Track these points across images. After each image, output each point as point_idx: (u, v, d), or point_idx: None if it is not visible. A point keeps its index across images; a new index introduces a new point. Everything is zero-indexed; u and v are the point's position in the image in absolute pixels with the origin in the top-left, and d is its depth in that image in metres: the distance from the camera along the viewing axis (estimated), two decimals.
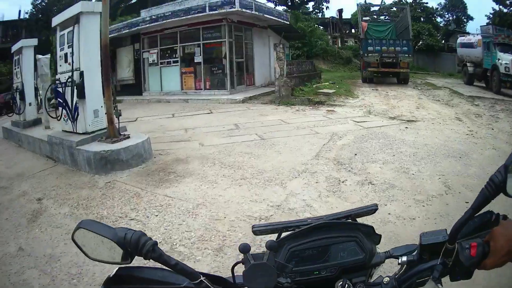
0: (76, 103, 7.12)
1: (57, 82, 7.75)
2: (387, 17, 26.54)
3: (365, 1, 32.96)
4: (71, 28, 7.02)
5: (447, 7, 46.47)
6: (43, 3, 35.94)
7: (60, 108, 7.71)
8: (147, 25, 17.29)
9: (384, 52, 19.27)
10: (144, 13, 18.24)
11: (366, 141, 7.50)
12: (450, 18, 46.50)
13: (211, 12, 15.08)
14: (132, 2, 29.91)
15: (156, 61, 18.15)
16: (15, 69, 10.86)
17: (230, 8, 14.67)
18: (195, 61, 16.89)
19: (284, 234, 1.05)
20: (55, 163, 7.35)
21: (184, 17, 15.80)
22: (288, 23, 20.37)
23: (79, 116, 7.20)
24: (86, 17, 6.77)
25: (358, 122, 9.58)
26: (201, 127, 9.84)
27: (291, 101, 13.23)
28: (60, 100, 7.63)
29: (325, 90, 15.10)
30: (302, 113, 11.54)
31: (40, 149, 8.31)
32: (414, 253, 1.00)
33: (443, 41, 37.89)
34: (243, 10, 14.96)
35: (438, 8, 45.84)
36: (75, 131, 7.34)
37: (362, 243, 1.01)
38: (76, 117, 7.31)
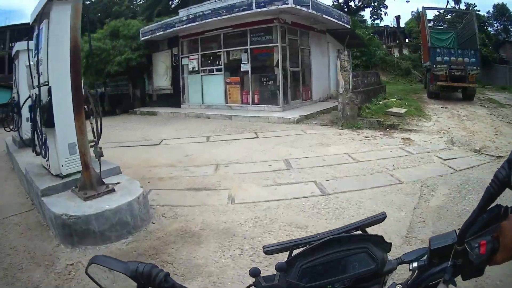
0: (44, 133, 5.02)
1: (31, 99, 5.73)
2: (444, 24, 25.07)
3: (418, 9, 30.95)
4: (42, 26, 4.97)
5: (495, 15, 43.26)
6: None
7: (35, 135, 5.66)
8: (185, 26, 15.46)
9: (452, 63, 17.13)
10: (182, 13, 16.47)
11: (465, 197, 5.19)
12: (498, 27, 43.65)
13: (258, 10, 12.88)
14: (173, 2, 28.36)
15: (196, 69, 16.31)
16: (13, 77, 9.31)
17: (282, 5, 12.36)
18: (242, 69, 14.74)
19: (295, 252, 1.06)
20: (32, 207, 5.59)
21: (226, 16, 13.73)
22: (349, 27, 18.10)
23: (49, 152, 5.14)
24: (57, 9, 4.65)
25: (444, 160, 7.30)
26: (238, 163, 7.52)
27: (357, 124, 10.82)
28: (34, 125, 5.56)
29: (394, 109, 12.56)
30: (373, 142, 9.01)
31: (22, 181, 6.60)
32: (424, 258, 1.03)
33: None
34: (298, 7, 12.68)
35: (488, 16, 42.99)
36: (49, 169, 5.34)
37: (372, 252, 1.04)
38: (45, 152, 5.23)
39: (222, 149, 8.81)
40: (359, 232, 1.11)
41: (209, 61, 16.04)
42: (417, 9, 30.27)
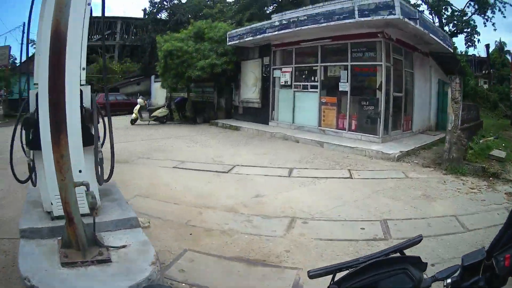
0: (31, 155, 3.80)
1: None
2: None
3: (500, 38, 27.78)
4: None
5: None
6: (163, 3, 36.01)
7: None
8: (277, 33, 13.76)
9: None
10: (275, 18, 14.82)
11: None
12: None
13: (361, 19, 10.81)
14: (268, 9, 26.84)
15: (289, 83, 14.54)
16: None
17: (388, 15, 10.23)
18: (340, 89, 12.69)
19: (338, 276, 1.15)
20: None
21: (324, 24, 11.77)
22: (452, 51, 15.75)
23: (38, 181, 3.82)
24: None
25: None
26: (322, 219, 5.50)
27: (462, 169, 8.79)
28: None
29: (495, 153, 10.18)
30: (479, 197, 6.89)
31: None
32: (456, 274, 1.13)
33: None
34: (406, 20, 10.49)
35: None
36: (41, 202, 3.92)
37: (411, 272, 1.14)
38: (35, 180, 3.88)
39: (305, 192, 6.85)
40: (398, 254, 1.23)
41: (303, 76, 14.25)
42: (500, 39, 27.03)
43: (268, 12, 25.33)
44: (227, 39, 16.50)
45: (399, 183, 7.52)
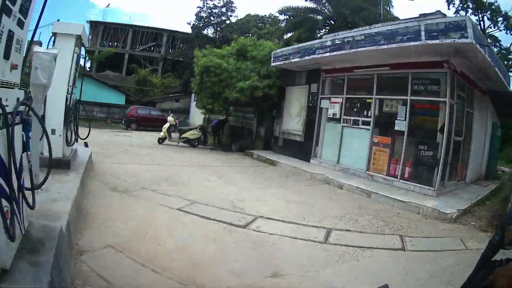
0: None
1: None
2: None
3: None
4: None
5: None
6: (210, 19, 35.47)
7: None
8: (328, 54, 12.01)
9: None
10: (327, 37, 13.10)
11: None
12: None
13: (428, 42, 9.00)
14: (319, 32, 25.28)
15: (337, 116, 12.76)
16: None
17: (459, 38, 8.42)
18: (396, 128, 10.78)
19: None
20: None
21: (384, 46, 9.97)
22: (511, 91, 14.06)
23: None
24: None
25: None
26: None
27: None
28: None
29: None
30: None
31: None
32: None
33: None
34: (478, 46, 8.68)
35: None
36: None
37: None
38: None
39: (343, 272, 4.91)
40: None
41: (355, 109, 12.41)
42: None
43: (319, 36, 23.91)
44: (272, 59, 15.02)
45: (458, 259, 5.74)
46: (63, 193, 5.52)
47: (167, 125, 17.45)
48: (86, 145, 10.78)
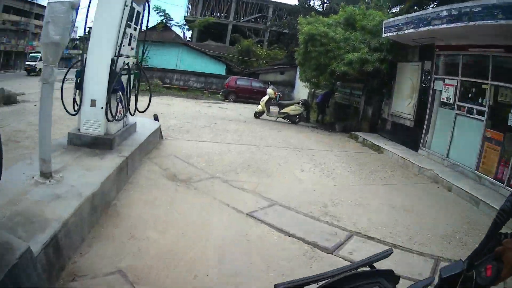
0: None
1: None
2: None
3: None
4: None
5: None
6: None
7: None
8: (444, 26, 10.19)
9: None
10: (443, 7, 11.08)
11: None
12: None
13: None
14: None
15: (451, 101, 11.04)
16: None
17: None
18: (509, 123, 8.79)
19: None
20: None
21: (503, 22, 8.02)
22: None
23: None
24: None
25: None
26: None
27: None
28: None
29: None
30: None
31: None
32: (432, 287, 1.14)
33: None
34: None
35: None
36: None
37: (384, 286, 1.18)
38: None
39: None
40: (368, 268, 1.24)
41: (469, 95, 10.58)
42: None
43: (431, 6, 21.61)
44: (383, 29, 13.55)
45: None
46: (78, 186, 4.52)
47: (265, 98, 16.90)
48: (155, 118, 10.31)
